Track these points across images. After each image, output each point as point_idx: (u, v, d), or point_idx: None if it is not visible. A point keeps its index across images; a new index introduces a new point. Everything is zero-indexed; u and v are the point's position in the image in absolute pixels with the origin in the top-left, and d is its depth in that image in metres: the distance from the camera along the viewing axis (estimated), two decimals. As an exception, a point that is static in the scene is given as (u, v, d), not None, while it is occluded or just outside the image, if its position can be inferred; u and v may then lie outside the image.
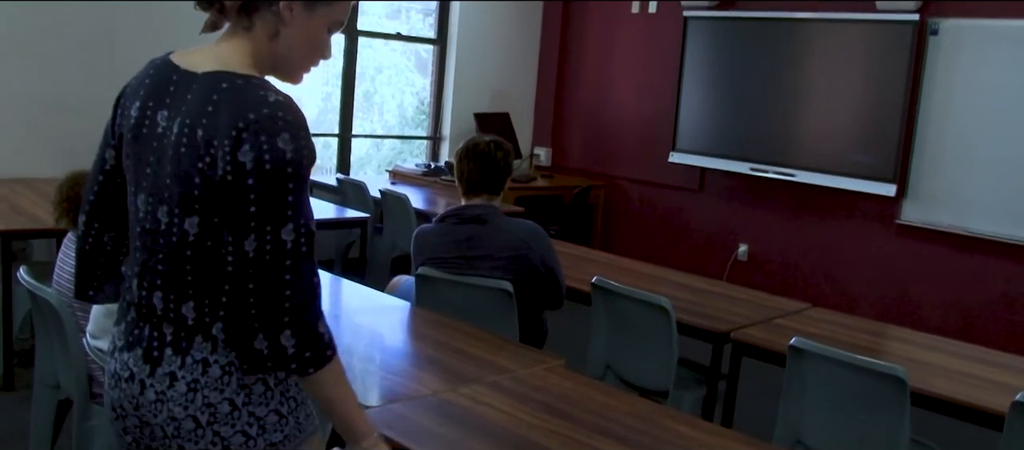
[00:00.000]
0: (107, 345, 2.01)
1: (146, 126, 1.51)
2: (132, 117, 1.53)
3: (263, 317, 1.40)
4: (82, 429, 2.56)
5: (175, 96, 1.49)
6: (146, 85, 1.55)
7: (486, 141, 3.29)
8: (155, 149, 1.49)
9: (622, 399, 2.36)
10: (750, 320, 3.33)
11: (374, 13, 7.23)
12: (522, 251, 3.17)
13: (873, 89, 5.71)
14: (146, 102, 1.52)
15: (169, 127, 1.46)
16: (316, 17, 1.54)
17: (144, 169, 1.51)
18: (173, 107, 1.48)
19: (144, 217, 1.51)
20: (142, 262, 1.52)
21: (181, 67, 1.52)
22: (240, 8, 1.51)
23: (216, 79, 1.45)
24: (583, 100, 7.51)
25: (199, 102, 1.44)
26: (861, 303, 5.83)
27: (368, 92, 7.44)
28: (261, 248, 1.39)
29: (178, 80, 1.50)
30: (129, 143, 1.54)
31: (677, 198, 6.90)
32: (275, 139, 1.39)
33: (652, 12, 6.94)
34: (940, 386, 2.74)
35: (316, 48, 1.59)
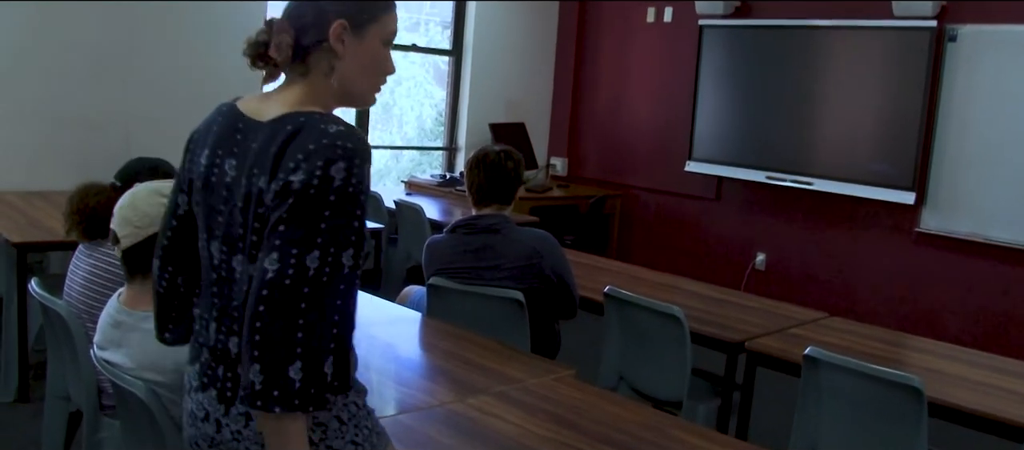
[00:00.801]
0: (115, 357, 2.01)
1: (215, 174, 1.51)
2: (202, 165, 1.53)
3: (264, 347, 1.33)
4: (92, 441, 2.56)
5: (242, 145, 1.48)
6: (214, 132, 1.54)
7: (496, 151, 3.28)
8: (225, 198, 1.49)
9: (633, 410, 2.34)
10: (765, 330, 3.29)
11: None
12: (533, 260, 3.14)
13: (891, 96, 5.65)
14: (215, 150, 1.52)
15: (237, 177, 1.46)
16: (367, 39, 1.52)
17: (216, 217, 1.51)
18: (240, 155, 1.48)
19: (219, 265, 1.51)
20: (220, 308, 1.52)
21: (247, 115, 1.51)
22: (292, 57, 1.50)
23: (281, 122, 1.44)
24: (599, 110, 7.49)
25: (264, 147, 1.43)
26: (880, 312, 5.76)
27: (387, 104, 7.46)
28: (283, 270, 1.34)
29: (244, 128, 1.50)
30: (199, 191, 1.54)
31: (694, 207, 6.86)
32: (329, 167, 1.37)
33: (667, 21, 6.92)
34: (958, 396, 2.69)
35: (378, 67, 1.56)
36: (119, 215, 2.00)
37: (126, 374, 1.98)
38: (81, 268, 2.64)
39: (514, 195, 3.28)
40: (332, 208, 1.36)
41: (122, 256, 2.01)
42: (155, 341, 1.96)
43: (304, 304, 1.34)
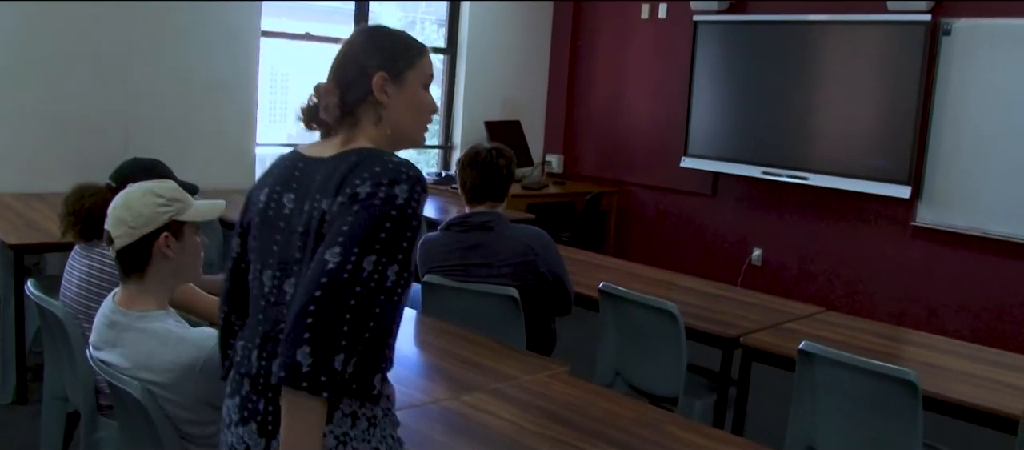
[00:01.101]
0: (110, 357, 2.02)
1: (272, 209, 1.60)
2: (260, 203, 1.63)
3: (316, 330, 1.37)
4: (90, 442, 2.57)
5: (301, 180, 1.58)
6: (273, 174, 1.66)
7: (488, 149, 3.28)
8: (281, 229, 1.58)
9: (627, 406, 2.34)
10: (760, 325, 3.30)
11: (389, 24, 7.25)
12: (528, 258, 3.15)
13: (886, 90, 5.66)
14: (273, 187, 1.62)
15: (296, 208, 1.56)
16: (408, 85, 1.63)
17: (271, 247, 1.59)
18: (299, 190, 1.57)
19: (269, 291, 1.58)
20: (263, 334, 1.57)
21: (307, 155, 1.62)
22: (342, 114, 1.61)
23: (345, 155, 1.55)
24: (594, 106, 7.50)
25: (328, 176, 1.52)
26: (877, 306, 5.77)
27: None
28: (342, 265, 1.39)
29: (304, 166, 1.60)
30: (257, 226, 1.63)
31: (690, 203, 6.87)
32: (393, 186, 1.46)
33: (662, 17, 6.92)
34: (954, 390, 2.70)
35: (423, 108, 1.67)
36: (113, 215, 2.00)
37: (121, 374, 1.99)
38: (77, 269, 2.65)
39: (507, 192, 3.28)
40: (392, 221, 1.44)
41: (116, 256, 2.01)
42: (150, 340, 1.98)
43: (354, 302, 1.39)
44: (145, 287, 2.03)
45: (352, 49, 1.64)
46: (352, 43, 1.65)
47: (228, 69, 5.83)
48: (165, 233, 2.01)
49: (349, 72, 1.61)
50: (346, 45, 1.65)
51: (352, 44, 1.64)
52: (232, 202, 5.08)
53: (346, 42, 1.66)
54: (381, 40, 1.65)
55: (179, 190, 2.09)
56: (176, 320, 2.06)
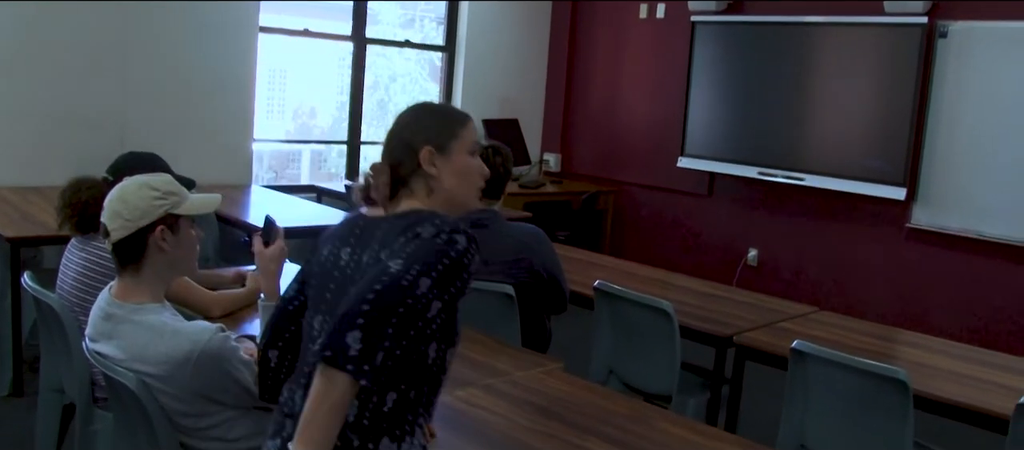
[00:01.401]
0: (106, 349, 2.03)
1: (330, 261, 1.71)
2: (323, 255, 1.74)
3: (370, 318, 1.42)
4: (85, 433, 2.58)
5: (360, 237, 1.68)
6: (336, 231, 1.76)
7: (484, 146, 3.29)
8: (336, 277, 1.67)
9: (620, 402, 2.36)
10: (754, 324, 3.32)
11: (387, 22, 7.27)
12: (523, 255, 3.16)
13: (882, 92, 5.68)
14: (334, 242, 1.73)
15: (352, 260, 1.66)
16: (454, 155, 1.71)
17: (325, 294, 1.69)
18: (358, 245, 1.67)
19: (318, 334, 1.66)
20: (309, 375, 1.57)
21: (368, 216, 1.73)
22: (394, 188, 1.70)
23: (405, 213, 1.65)
24: (592, 106, 7.51)
25: (388, 232, 1.61)
26: (872, 307, 5.78)
27: (382, 101, 7.48)
28: (403, 274, 1.45)
29: (364, 225, 1.70)
30: (315, 276, 1.74)
31: (686, 203, 6.88)
32: (454, 234, 1.53)
33: (660, 17, 6.93)
34: (945, 389, 2.72)
35: (471, 174, 1.75)
36: (109, 208, 2.01)
37: (117, 365, 2.00)
38: (73, 262, 2.66)
39: (503, 190, 3.30)
40: (451, 261, 1.50)
41: (112, 249, 2.02)
42: (145, 332, 1.99)
43: (402, 310, 1.44)
44: (141, 280, 2.04)
45: (399, 128, 1.74)
46: (399, 123, 1.75)
47: (225, 65, 5.84)
48: (161, 226, 2.02)
49: (397, 150, 1.71)
50: (394, 125, 1.75)
51: (399, 124, 1.74)
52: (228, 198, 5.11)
53: (394, 122, 1.76)
54: (425, 116, 1.74)
55: (175, 184, 2.10)
56: (172, 313, 2.07)
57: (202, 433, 2.07)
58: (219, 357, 1.98)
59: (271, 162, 7.41)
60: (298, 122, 7.49)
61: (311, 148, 7.44)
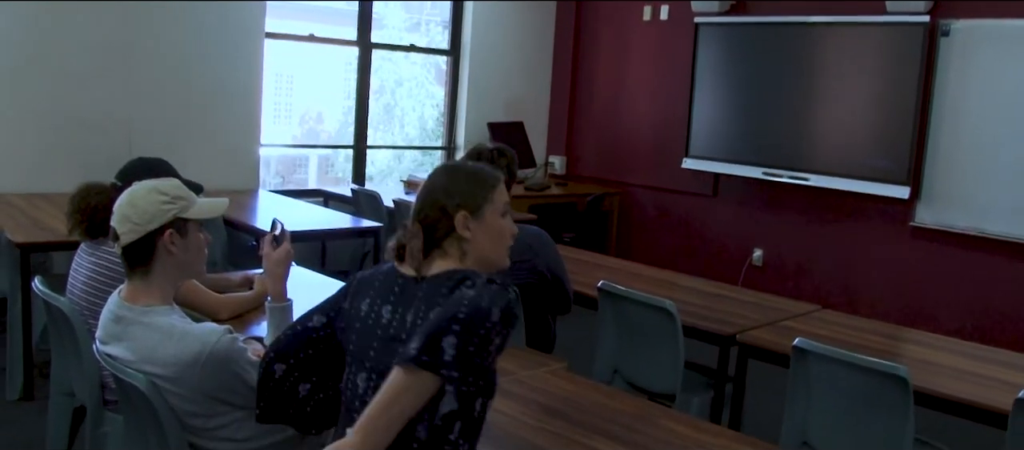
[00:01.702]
0: (116, 350, 2.06)
1: (371, 318, 1.74)
2: (362, 311, 1.76)
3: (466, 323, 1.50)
4: (95, 436, 2.61)
5: (401, 296, 1.72)
6: (375, 286, 1.78)
7: (489, 149, 3.33)
8: (379, 337, 1.71)
9: (624, 401, 2.39)
10: (757, 323, 3.34)
11: (393, 26, 7.32)
12: (527, 257, 3.19)
13: (885, 91, 5.70)
14: (373, 297, 1.76)
15: (396, 318, 1.70)
16: (487, 217, 1.77)
17: (368, 353, 1.72)
18: (398, 302, 1.72)
19: (364, 392, 1.71)
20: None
21: (406, 274, 1.75)
22: (427, 250, 1.73)
23: (449, 273, 1.70)
24: (596, 108, 7.54)
25: (432, 292, 1.67)
26: (876, 306, 5.80)
27: (388, 105, 7.53)
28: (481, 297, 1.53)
29: (404, 284, 1.74)
30: (356, 331, 1.77)
31: (691, 204, 6.91)
32: (504, 287, 1.58)
33: (664, 19, 6.96)
34: (946, 385, 2.74)
35: (503, 235, 1.81)
36: (119, 213, 2.04)
37: (127, 367, 2.03)
38: (83, 266, 2.70)
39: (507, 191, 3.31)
40: (510, 301, 1.56)
41: (122, 252, 2.06)
42: (155, 334, 2.02)
43: (483, 331, 1.51)
44: (150, 282, 2.07)
45: (433, 192, 1.76)
46: (433, 186, 1.77)
47: (232, 70, 5.88)
48: (169, 230, 2.05)
49: (431, 212, 1.74)
50: (427, 187, 1.78)
51: (433, 187, 1.77)
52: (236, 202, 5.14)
53: (427, 184, 1.79)
54: (459, 180, 1.78)
55: (183, 188, 2.13)
56: (180, 315, 2.10)
57: (211, 433, 2.10)
58: (227, 358, 2.01)
59: (278, 167, 7.46)
60: (305, 127, 7.54)
61: (318, 153, 7.49)
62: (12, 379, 3.89)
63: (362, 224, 5.26)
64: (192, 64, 5.67)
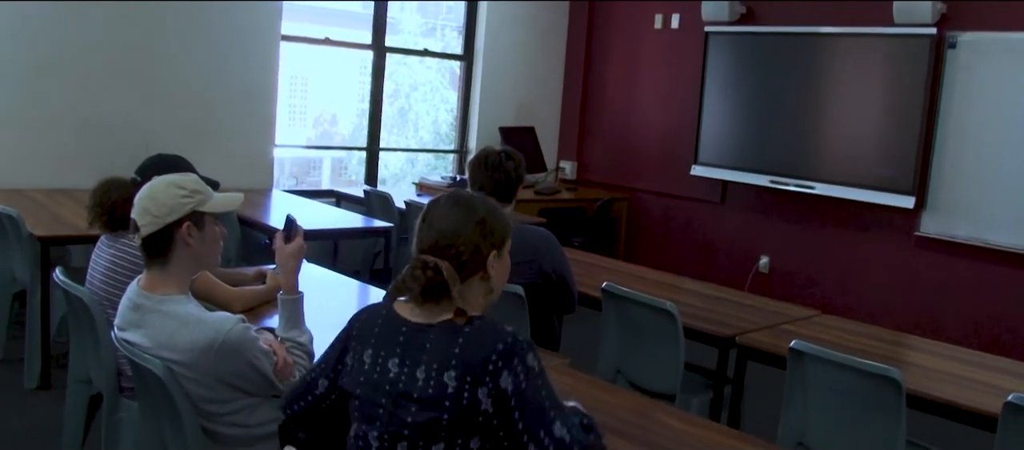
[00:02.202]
0: (134, 337, 2.15)
1: (377, 372, 1.73)
2: (365, 363, 1.76)
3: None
4: (111, 422, 2.71)
5: (406, 346, 1.71)
6: (376, 333, 1.77)
7: (497, 151, 3.41)
8: (387, 392, 1.70)
9: (622, 396, 2.46)
10: (757, 325, 3.40)
11: (409, 30, 7.42)
12: (531, 257, 3.26)
13: (892, 102, 5.75)
14: (378, 349, 1.75)
15: (402, 373, 1.69)
16: (504, 252, 1.82)
17: (376, 410, 1.72)
18: (405, 356, 1.70)
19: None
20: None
21: (410, 320, 1.74)
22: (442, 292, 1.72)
23: (456, 327, 1.68)
24: (607, 114, 7.62)
25: (442, 347, 1.67)
26: (881, 315, 5.84)
27: (403, 109, 7.63)
28: (561, 430, 1.63)
29: (408, 332, 1.72)
30: (361, 385, 1.76)
31: (699, 211, 6.97)
32: (525, 359, 1.65)
33: (674, 27, 7.04)
34: (939, 389, 2.80)
35: (508, 268, 1.86)
36: (139, 205, 2.14)
37: (145, 353, 2.12)
38: (103, 258, 2.80)
39: (514, 194, 3.40)
40: (545, 384, 1.67)
41: (141, 243, 2.15)
42: (171, 322, 2.11)
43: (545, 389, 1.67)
44: (168, 272, 2.16)
45: (465, 230, 1.74)
46: (462, 223, 1.75)
47: (248, 72, 5.99)
48: (187, 222, 2.14)
49: (465, 250, 1.73)
50: (454, 222, 1.75)
51: (463, 224, 1.74)
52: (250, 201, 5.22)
53: (452, 219, 1.75)
54: (490, 221, 1.77)
55: (201, 183, 2.23)
56: (196, 305, 2.19)
57: (223, 419, 2.19)
58: (240, 345, 2.10)
59: (293, 168, 7.57)
60: (319, 129, 7.65)
61: (332, 155, 7.59)
62: (30, 368, 4.00)
63: (374, 224, 5.36)
64: (208, 66, 5.79)
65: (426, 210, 1.82)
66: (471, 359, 1.62)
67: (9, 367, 4.20)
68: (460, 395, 1.61)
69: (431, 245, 1.74)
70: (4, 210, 4.05)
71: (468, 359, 1.62)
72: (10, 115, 5.13)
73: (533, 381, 1.65)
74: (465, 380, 1.61)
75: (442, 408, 1.62)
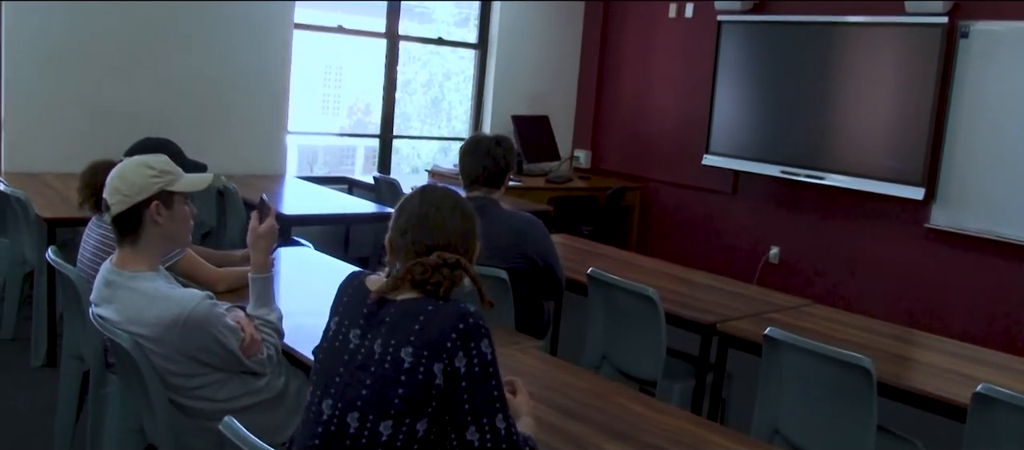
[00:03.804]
0: (106, 312, 2.22)
1: (339, 340, 1.78)
2: (330, 328, 1.82)
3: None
4: (98, 395, 2.79)
5: (369, 320, 1.75)
6: (344, 302, 1.83)
7: (488, 138, 3.45)
8: (346, 362, 1.74)
9: (583, 378, 2.50)
10: (742, 314, 3.41)
11: (442, 20, 7.49)
12: (516, 241, 3.30)
13: (902, 92, 5.69)
14: (343, 318, 1.80)
15: (362, 345, 1.73)
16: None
17: (333, 378, 1.75)
18: (367, 329, 1.74)
19: (328, 419, 1.73)
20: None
21: (376, 295, 1.76)
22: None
23: (418, 304, 1.71)
24: (622, 103, 7.62)
25: (403, 323, 1.69)
26: (890, 306, 5.80)
27: (437, 98, 7.70)
28: (482, 438, 1.66)
29: (372, 305, 1.76)
30: (324, 351, 1.81)
31: (710, 200, 6.95)
32: (480, 345, 1.67)
33: (688, 16, 7.02)
34: (910, 378, 2.79)
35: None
36: (110, 185, 2.21)
37: (115, 328, 2.20)
38: (92, 238, 2.88)
39: (503, 180, 3.42)
40: (496, 377, 1.70)
41: (112, 221, 2.22)
42: (139, 298, 2.18)
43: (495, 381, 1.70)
44: (138, 250, 2.23)
45: (460, 222, 1.83)
46: (457, 216, 1.83)
47: (261, 60, 6.08)
48: (156, 201, 2.21)
49: (458, 244, 1.80)
50: (440, 222, 1.80)
51: (458, 217, 1.83)
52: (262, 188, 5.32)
53: (434, 215, 1.80)
54: (471, 224, 1.87)
55: (170, 163, 2.29)
56: (166, 281, 2.26)
57: (191, 393, 2.26)
58: (206, 321, 2.16)
59: (326, 157, 7.67)
60: (354, 118, 7.74)
61: (366, 143, 7.64)
62: (37, 346, 4.12)
63: (385, 210, 5.42)
64: (222, 54, 5.89)
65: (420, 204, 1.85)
66: (429, 336, 1.66)
67: (19, 345, 4.32)
68: (416, 370, 1.64)
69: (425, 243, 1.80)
70: (13, 193, 4.17)
71: (426, 336, 1.66)
72: (27, 101, 5.27)
73: (485, 368, 1.68)
74: (421, 355, 1.64)
75: (397, 383, 1.65)
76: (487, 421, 1.67)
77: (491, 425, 1.67)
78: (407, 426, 1.65)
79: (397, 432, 1.65)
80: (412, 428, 1.65)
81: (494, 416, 1.68)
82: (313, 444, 1.75)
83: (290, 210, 5.13)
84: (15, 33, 5.19)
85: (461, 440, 1.67)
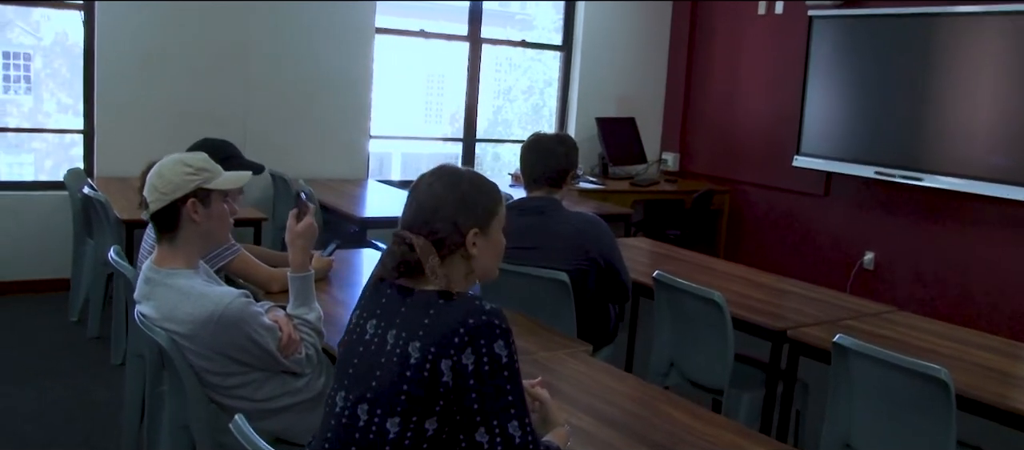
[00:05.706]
0: (145, 309, 2.24)
1: (356, 332, 1.73)
2: (351, 320, 1.77)
3: None
4: (154, 394, 2.83)
5: (386, 307, 1.68)
6: (366, 295, 1.77)
7: (550, 136, 3.37)
8: (360, 353, 1.68)
9: (628, 384, 2.38)
10: (817, 320, 3.22)
11: (543, 26, 7.50)
12: (578, 242, 3.21)
13: (1008, 85, 5.31)
14: (362, 311, 1.75)
15: (375, 335, 1.67)
16: (493, 233, 1.76)
17: (347, 369, 1.70)
18: (383, 318, 1.67)
19: (341, 411, 1.68)
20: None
21: (395, 283, 1.70)
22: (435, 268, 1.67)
23: (430, 298, 1.64)
24: (710, 104, 7.40)
25: (414, 316, 1.62)
26: (993, 316, 5.42)
27: (537, 105, 7.68)
28: (492, 441, 1.57)
29: (391, 294, 1.70)
30: (344, 344, 1.75)
31: (801, 203, 6.67)
32: (493, 345, 1.57)
33: (778, 13, 6.76)
34: (990, 390, 2.56)
35: (500, 249, 1.80)
36: (148, 183, 2.23)
37: (153, 324, 2.21)
38: (150, 238, 2.93)
39: (564, 180, 3.33)
40: (511, 381, 1.59)
41: (151, 219, 2.24)
42: (175, 295, 2.19)
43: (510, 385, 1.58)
44: (175, 248, 2.24)
45: (442, 204, 1.69)
46: (441, 198, 1.69)
47: (343, 65, 6.16)
48: (192, 199, 2.22)
49: (441, 228, 1.68)
50: (431, 198, 1.70)
51: (442, 200, 1.69)
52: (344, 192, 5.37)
53: (427, 193, 1.71)
54: (471, 193, 1.72)
55: (209, 161, 2.30)
56: (203, 279, 2.26)
57: (228, 392, 2.25)
58: (239, 319, 2.15)
59: (429, 164, 7.73)
60: (456, 125, 7.79)
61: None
62: (116, 345, 4.24)
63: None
64: (304, 59, 5.99)
65: (414, 184, 1.79)
66: (437, 331, 1.58)
67: (102, 343, 4.48)
68: (422, 366, 1.57)
69: (410, 220, 1.72)
70: (96, 196, 4.31)
71: (434, 331, 1.58)
72: (119, 107, 5.47)
73: (497, 369, 1.57)
74: (429, 350, 1.57)
75: (404, 379, 1.58)
76: (498, 424, 1.57)
77: (502, 429, 1.57)
78: (415, 424, 1.57)
79: (405, 430, 1.58)
80: (420, 427, 1.58)
81: (507, 421, 1.58)
82: (326, 436, 1.70)
83: (368, 213, 5.17)
84: (107, 41, 5.40)
85: (470, 442, 1.58)
